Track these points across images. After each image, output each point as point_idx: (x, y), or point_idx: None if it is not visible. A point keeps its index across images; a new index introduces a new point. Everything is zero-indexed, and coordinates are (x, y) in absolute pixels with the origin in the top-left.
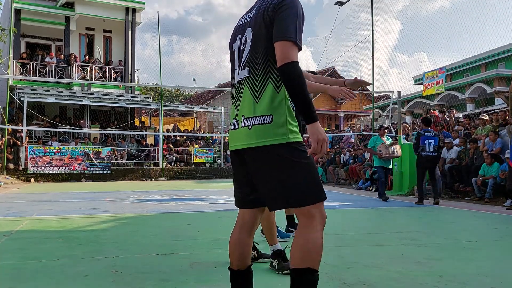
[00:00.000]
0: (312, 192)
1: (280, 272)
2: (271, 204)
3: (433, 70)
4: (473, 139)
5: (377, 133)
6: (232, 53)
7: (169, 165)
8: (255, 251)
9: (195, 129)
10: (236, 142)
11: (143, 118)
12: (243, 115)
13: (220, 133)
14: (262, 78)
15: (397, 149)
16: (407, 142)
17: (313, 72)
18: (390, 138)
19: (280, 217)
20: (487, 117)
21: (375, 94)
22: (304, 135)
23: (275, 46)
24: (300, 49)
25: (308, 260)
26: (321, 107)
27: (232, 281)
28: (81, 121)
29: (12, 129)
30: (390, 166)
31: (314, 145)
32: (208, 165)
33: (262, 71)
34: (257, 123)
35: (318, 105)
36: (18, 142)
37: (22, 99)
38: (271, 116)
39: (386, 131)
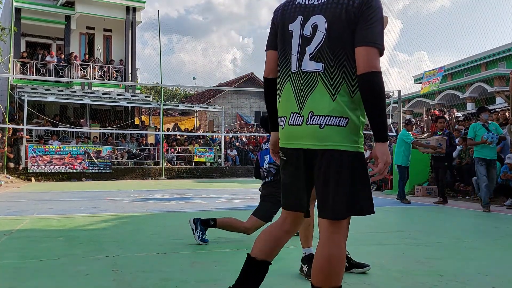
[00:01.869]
0: (363, 207)
1: (308, 279)
2: (326, 213)
3: (433, 69)
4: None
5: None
6: (285, 32)
7: (169, 164)
8: (345, 260)
9: (195, 129)
10: (298, 141)
11: (143, 117)
12: (312, 112)
13: (220, 132)
14: (338, 77)
15: (433, 142)
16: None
17: None
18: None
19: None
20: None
21: None
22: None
23: (358, 50)
24: (381, 55)
25: (333, 280)
26: None
27: (247, 269)
28: (82, 120)
29: (12, 128)
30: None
31: (381, 166)
32: (208, 164)
33: (338, 70)
34: (332, 124)
35: None
36: (22, 134)
37: (22, 98)
38: (347, 119)
39: (414, 126)
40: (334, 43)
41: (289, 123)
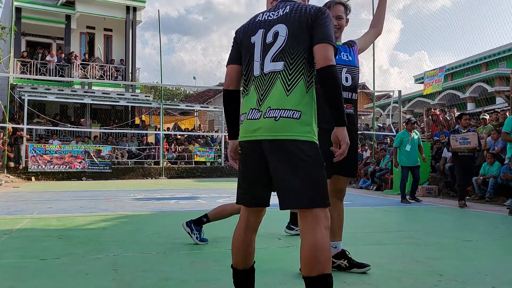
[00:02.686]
0: (324, 194)
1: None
2: (286, 202)
3: (434, 69)
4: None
5: (380, 130)
6: (247, 45)
7: (169, 164)
8: (346, 260)
9: (195, 128)
10: (255, 132)
11: (143, 117)
12: (269, 106)
13: (220, 132)
14: (296, 73)
15: (472, 139)
16: None
17: None
18: (418, 133)
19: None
20: (488, 117)
21: (376, 93)
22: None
23: (316, 48)
24: (335, 54)
25: (320, 267)
26: None
27: (235, 280)
28: (82, 120)
29: (12, 127)
30: (418, 164)
31: (344, 148)
32: (208, 164)
33: (296, 67)
34: (286, 116)
35: None
36: (22, 133)
37: (22, 97)
38: (299, 112)
39: (415, 125)
40: (294, 43)
41: (248, 118)
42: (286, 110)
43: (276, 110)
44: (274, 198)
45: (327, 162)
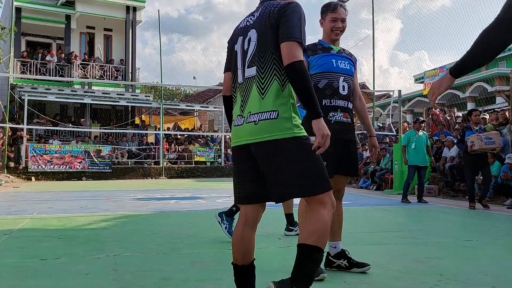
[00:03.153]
0: (323, 181)
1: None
2: (284, 194)
3: (434, 69)
4: None
5: (386, 130)
6: (233, 53)
7: (169, 164)
8: (345, 260)
9: (196, 128)
10: (240, 138)
11: (143, 117)
12: (250, 112)
13: (220, 131)
14: (268, 76)
15: (495, 138)
16: None
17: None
18: (426, 133)
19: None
20: (488, 116)
21: (376, 93)
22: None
23: (281, 46)
24: (304, 49)
25: (318, 239)
26: None
27: (236, 276)
28: (82, 120)
29: (13, 127)
30: (426, 164)
31: (319, 139)
32: (208, 164)
33: (268, 70)
34: (263, 118)
35: None
36: (22, 133)
37: (22, 97)
38: (276, 111)
39: (423, 125)
40: (262, 47)
41: (234, 125)
42: (263, 113)
43: (255, 115)
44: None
45: (328, 162)
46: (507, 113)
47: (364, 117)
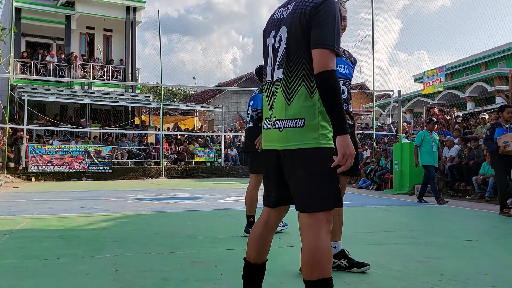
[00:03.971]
0: (329, 199)
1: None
2: (297, 206)
3: (433, 69)
4: (474, 137)
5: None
6: (265, 47)
7: (169, 164)
8: (345, 260)
9: (195, 128)
10: (269, 142)
11: (143, 117)
12: (275, 116)
13: (220, 132)
14: (296, 81)
15: None
16: (407, 141)
17: None
18: (437, 135)
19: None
20: (487, 116)
21: (376, 93)
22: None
23: (313, 53)
24: (338, 55)
25: (320, 271)
26: None
27: (245, 273)
28: (82, 120)
29: (13, 128)
30: (437, 164)
31: (339, 158)
32: (208, 164)
33: (296, 74)
34: (289, 126)
35: None
36: (22, 134)
37: (22, 98)
38: (303, 120)
39: (436, 126)
40: (292, 49)
41: (264, 127)
42: (289, 120)
43: (280, 121)
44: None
45: None
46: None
47: None
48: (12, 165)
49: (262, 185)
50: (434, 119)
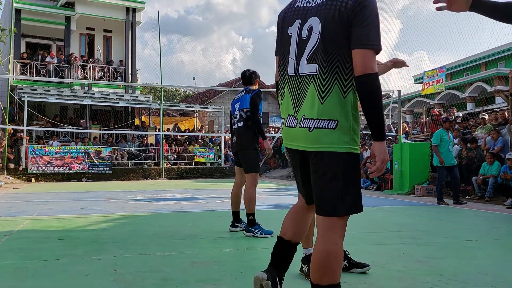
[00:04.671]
0: (350, 204)
1: (308, 279)
2: (319, 208)
3: (433, 69)
4: (473, 138)
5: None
6: (286, 36)
7: (169, 165)
8: (345, 260)
9: (195, 129)
10: (293, 142)
11: (143, 118)
12: (304, 115)
13: (220, 132)
14: (330, 78)
15: None
16: (407, 141)
17: None
18: (452, 134)
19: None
20: (487, 116)
21: None
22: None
23: (354, 52)
24: (379, 52)
25: (330, 277)
26: None
27: (276, 249)
28: (82, 121)
29: (12, 129)
30: (455, 163)
31: (379, 164)
32: (208, 165)
33: (330, 72)
34: (320, 126)
35: None
36: (22, 135)
37: (22, 99)
38: (336, 121)
39: (453, 124)
40: (327, 44)
41: (286, 125)
42: (321, 120)
43: (310, 120)
44: (279, 198)
45: None
46: (506, 113)
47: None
48: (12, 166)
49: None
50: (451, 117)
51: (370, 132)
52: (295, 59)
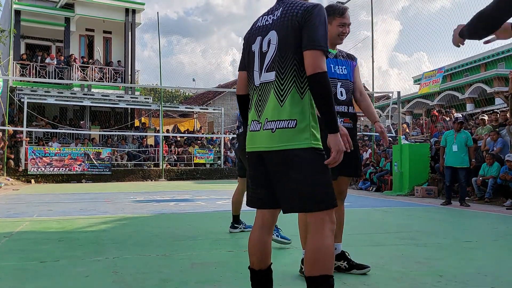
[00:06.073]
0: (327, 198)
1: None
2: (287, 207)
3: (433, 70)
4: (473, 139)
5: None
6: (249, 53)
7: (169, 166)
8: (345, 262)
9: (195, 130)
10: (256, 144)
11: (143, 119)
12: (267, 118)
13: (220, 133)
14: (288, 82)
15: None
16: (407, 142)
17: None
18: (467, 133)
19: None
20: (486, 117)
21: (375, 94)
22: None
23: (305, 54)
24: (326, 56)
25: (321, 268)
26: None
27: (253, 281)
28: (81, 122)
29: (12, 130)
30: (465, 165)
31: (334, 155)
32: (208, 166)
33: (287, 76)
34: (281, 126)
35: None
36: (22, 136)
37: (22, 100)
38: (295, 120)
39: (462, 124)
40: (283, 52)
41: (250, 130)
42: (281, 121)
43: (272, 122)
44: None
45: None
46: (507, 114)
47: (368, 106)
48: (11, 163)
49: None
50: (461, 118)
51: (369, 133)
52: (258, 71)
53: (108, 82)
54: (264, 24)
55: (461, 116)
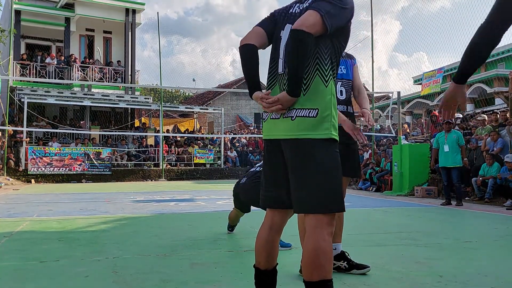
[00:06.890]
0: (340, 200)
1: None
2: (303, 206)
3: (432, 70)
4: (473, 139)
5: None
6: (278, 39)
7: (169, 166)
8: (345, 262)
9: (195, 130)
10: (274, 132)
11: (143, 119)
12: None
13: (220, 133)
14: (311, 72)
15: None
16: (407, 142)
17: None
18: (459, 132)
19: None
20: (486, 117)
21: (375, 95)
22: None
23: (307, 11)
24: (327, 30)
25: (320, 272)
26: None
27: (257, 280)
28: (81, 122)
29: (13, 130)
30: (457, 165)
31: (277, 103)
32: (208, 166)
33: (311, 65)
34: (302, 115)
35: None
36: (22, 137)
37: (22, 100)
38: (317, 110)
39: (451, 125)
40: None
41: (271, 117)
42: (303, 109)
43: (293, 110)
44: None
45: None
46: (507, 114)
47: (362, 98)
48: (11, 163)
49: None
50: (451, 120)
51: (369, 134)
52: (283, 59)
53: (108, 82)
54: (295, 11)
55: (461, 116)
